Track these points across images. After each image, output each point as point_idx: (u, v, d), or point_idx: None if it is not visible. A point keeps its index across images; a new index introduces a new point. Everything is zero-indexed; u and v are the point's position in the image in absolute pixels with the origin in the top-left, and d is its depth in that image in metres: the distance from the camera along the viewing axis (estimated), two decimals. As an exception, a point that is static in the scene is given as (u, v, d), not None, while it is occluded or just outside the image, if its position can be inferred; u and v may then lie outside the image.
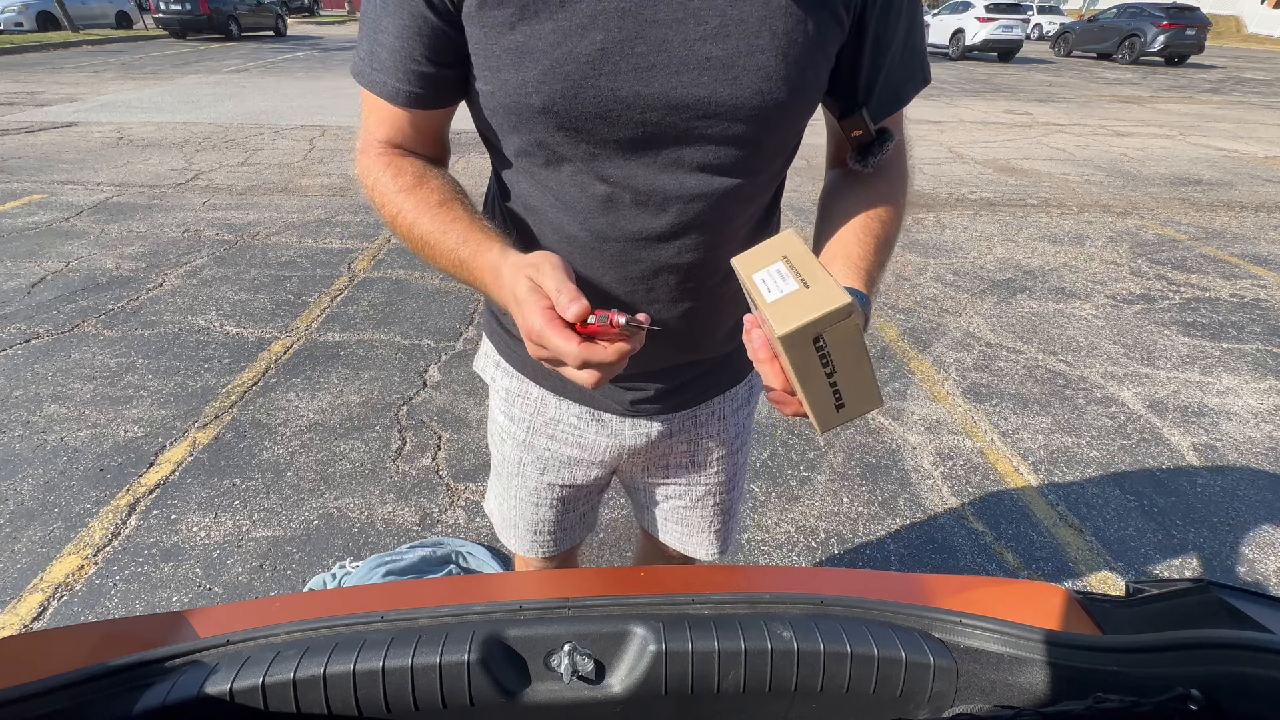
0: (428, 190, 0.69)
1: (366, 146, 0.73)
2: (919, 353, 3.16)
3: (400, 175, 0.70)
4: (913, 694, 0.59)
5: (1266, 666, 0.51)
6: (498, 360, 0.95)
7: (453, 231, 0.66)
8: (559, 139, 0.64)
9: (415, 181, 0.70)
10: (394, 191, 0.70)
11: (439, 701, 0.56)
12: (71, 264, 3.77)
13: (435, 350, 3.03)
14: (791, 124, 0.68)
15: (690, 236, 0.70)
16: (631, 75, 0.60)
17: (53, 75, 10.67)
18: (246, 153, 6.30)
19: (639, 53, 0.60)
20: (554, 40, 0.59)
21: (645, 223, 0.69)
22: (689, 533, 1.06)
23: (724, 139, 0.65)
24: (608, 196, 0.68)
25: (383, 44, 0.65)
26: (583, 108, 0.62)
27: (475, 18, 0.61)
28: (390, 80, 0.66)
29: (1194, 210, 5.43)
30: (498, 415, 0.98)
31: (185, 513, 2.07)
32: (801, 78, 0.63)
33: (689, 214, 0.69)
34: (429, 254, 0.69)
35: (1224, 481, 2.36)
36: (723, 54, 0.60)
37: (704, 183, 0.67)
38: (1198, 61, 18.65)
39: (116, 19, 19.21)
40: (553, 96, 0.61)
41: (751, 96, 0.62)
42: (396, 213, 0.70)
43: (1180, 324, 3.51)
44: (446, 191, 0.70)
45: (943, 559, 2.01)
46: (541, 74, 0.60)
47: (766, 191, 0.75)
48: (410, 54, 0.64)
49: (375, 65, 0.67)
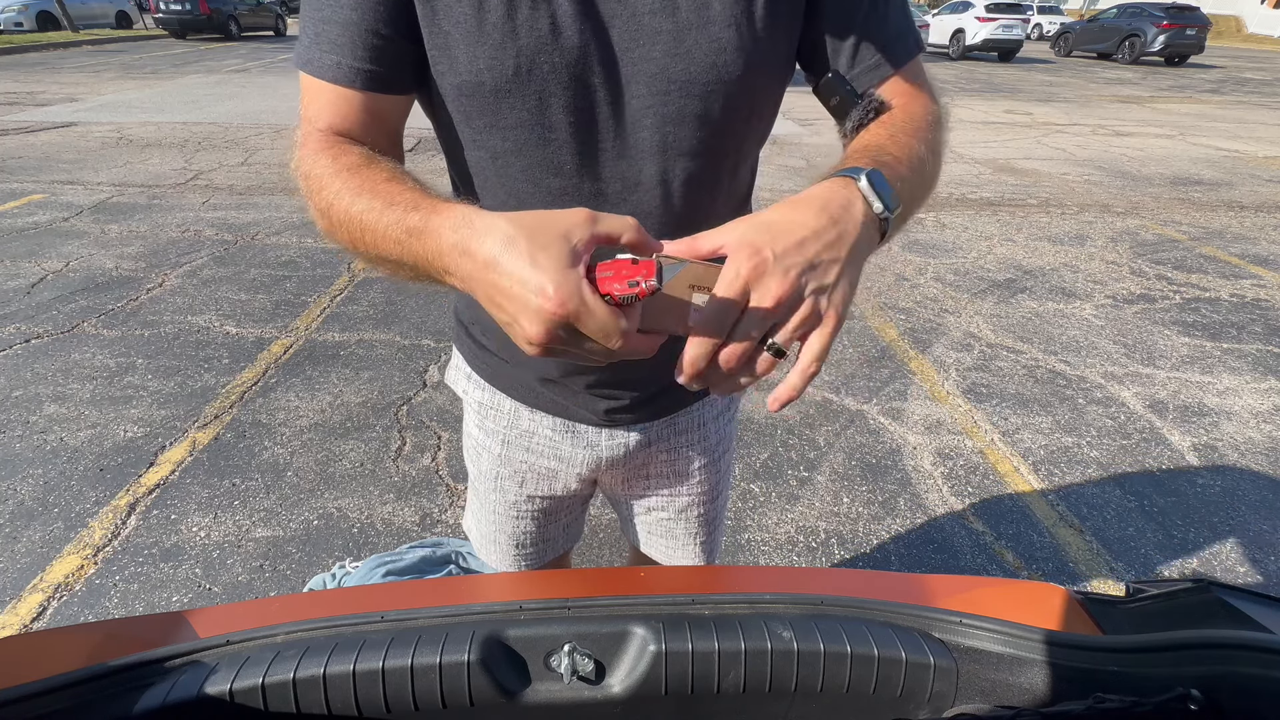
0: (375, 169, 0.58)
1: (306, 139, 0.62)
2: (919, 353, 3.16)
3: (342, 155, 0.59)
4: (913, 694, 0.59)
5: (1266, 666, 0.51)
6: (469, 372, 0.91)
7: (401, 201, 0.53)
8: (512, 120, 0.62)
9: (361, 161, 0.59)
10: (331, 174, 0.58)
11: (439, 702, 0.56)
12: (71, 264, 3.77)
13: (435, 350, 3.03)
14: (751, 99, 0.64)
15: (655, 230, 0.65)
16: (580, 51, 0.58)
17: (53, 75, 10.67)
18: (246, 153, 6.30)
19: (588, 28, 0.58)
20: (502, 14, 0.57)
21: (610, 213, 0.66)
22: (674, 546, 1.02)
23: (679, 117, 0.61)
24: (563, 188, 0.65)
25: (333, 19, 0.59)
26: (534, 86, 0.59)
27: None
28: (345, 60, 0.59)
29: (1194, 210, 5.43)
30: (472, 429, 0.94)
31: (185, 513, 2.07)
32: (757, 48, 0.60)
33: (651, 203, 0.65)
34: (371, 240, 0.55)
35: (1224, 481, 2.36)
36: (672, 27, 0.58)
37: (663, 167, 0.64)
38: (1198, 61, 18.65)
39: (116, 19, 19.21)
40: (503, 74, 0.58)
41: (704, 70, 0.59)
42: (332, 199, 0.57)
43: (1180, 324, 3.51)
44: (397, 171, 0.58)
45: (943, 559, 2.01)
46: (493, 50, 0.58)
47: (733, 178, 0.70)
48: (368, 25, 0.58)
49: (324, 45, 0.60)
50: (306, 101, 0.63)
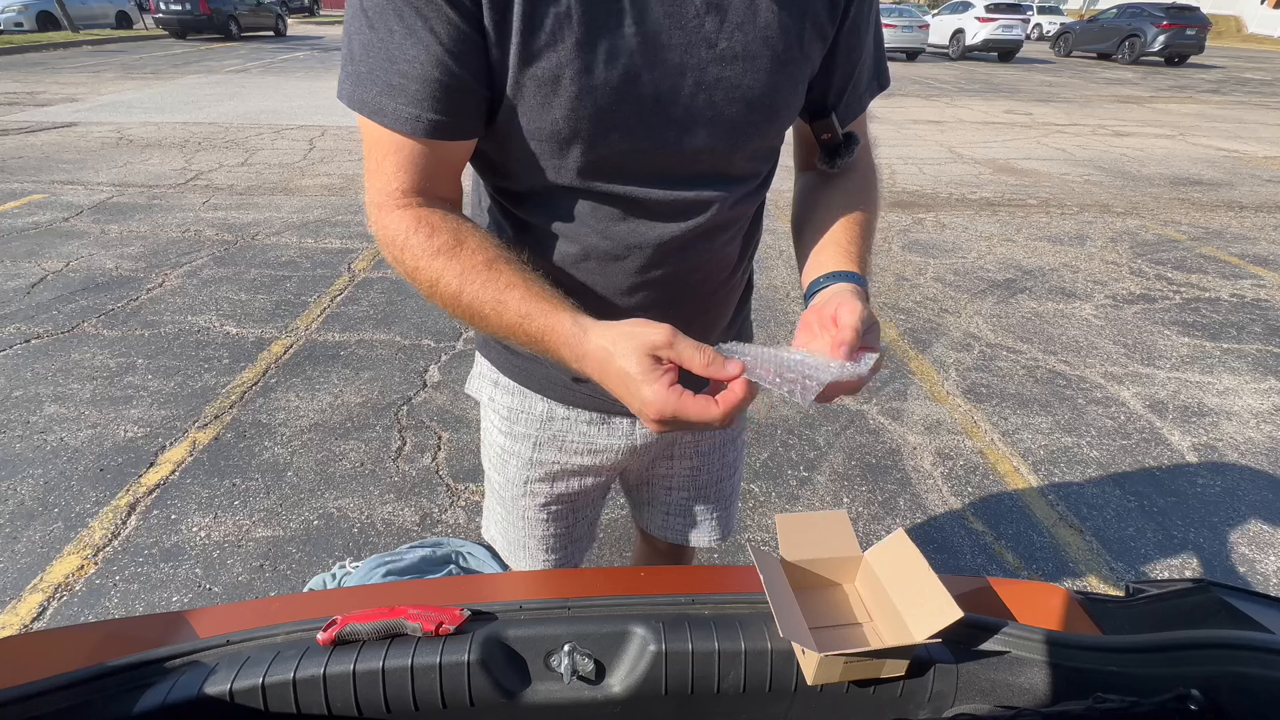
0: (469, 251, 0.63)
1: (384, 201, 0.64)
2: (919, 353, 3.16)
3: (434, 235, 0.63)
4: (913, 694, 0.59)
5: (1266, 666, 0.51)
6: (496, 379, 0.92)
7: (511, 301, 0.62)
8: (582, 163, 0.65)
9: (453, 241, 0.63)
10: (429, 255, 0.63)
11: (439, 701, 0.56)
12: (71, 264, 3.77)
13: (435, 350, 3.03)
14: (782, 130, 0.74)
15: (704, 238, 0.73)
16: (654, 100, 0.62)
17: (53, 75, 10.67)
18: (246, 153, 6.30)
19: (659, 78, 0.62)
20: (580, 69, 0.59)
21: (665, 230, 0.71)
22: (693, 524, 1.08)
23: (731, 150, 0.69)
24: (628, 210, 0.69)
25: (410, 74, 0.57)
26: (608, 134, 0.63)
27: (499, 42, 0.59)
28: (424, 114, 0.59)
29: (1194, 210, 5.43)
30: (496, 437, 0.95)
31: (185, 513, 2.07)
32: (793, 90, 0.69)
33: (704, 218, 0.71)
34: (482, 324, 0.64)
35: (1224, 481, 2.36)
36: (732, 74, 0.64)
37: (715, 190, 0.70)
38: (1198, 61, 18.64)
39: (116, 19, 19.21)
40: (580, 124, 0.61)
41: (756, 112, 0.66)
42: (436, 279, 0.63)
43: (1180, 324, 3.51)
44: (490, 250, 0.64)
45: (943, 559, 2.01)
46: (570, 102, 0.60)
47: (762, 190, 0.79)
48: (447, 81, 0.58)
49: (400, 97, 0.58)
50: (378, 155, 0.63)
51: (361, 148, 0.65)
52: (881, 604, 0.63)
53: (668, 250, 0.72)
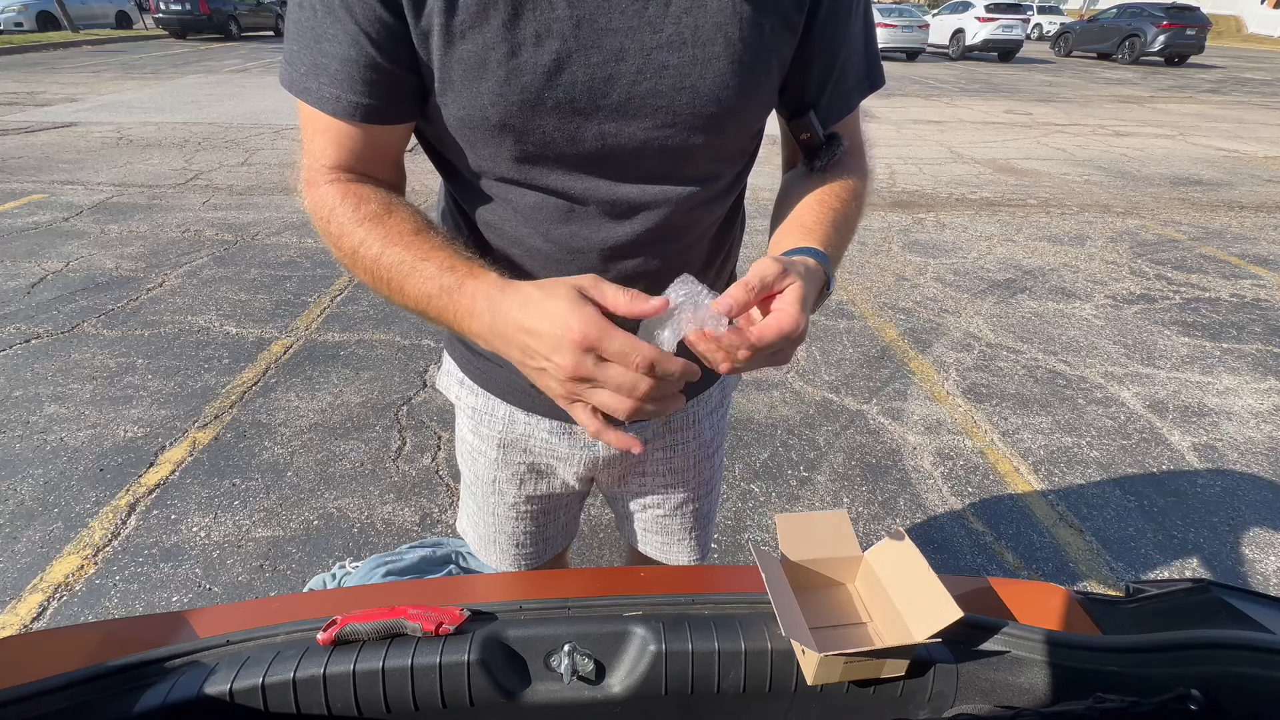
0: (398, 219, 0.62)
1: (314, 176, 0.64)
2: (919, 353, 3.16)
3: (362, 204, 0.62)
4: (913, 694, 0.59)
5: (1266, 666, 0.51)
6: (461, 378, 0.91)
7: (433, 259, 0.59)
8: (516, 152, 0.62)
9: (381, 210, 0.62)
10: (354, 222, 0.62)
11: (439, 702, 0.56)
12: (71, 264, 3.77)
13: (435, 350, 3.03)
14: (747, 128, 0.69)
15: (655, 245, 0.69)
16: (588, 86, 0.59)
17: (53, 75, 10.67)
18: (246, 153, 6.30)
19: (595, 63, 0.58)
20: (507, 51, 0.57)
21: (610, 232, 0.67)
22: (669, 542, 1.04)
23: (683, 146, 0.64)
24: (569, 208, 0.66)
25: (332, 53, 0.58)
26: (540, 120, 0.60)
27: (420, 23, 0.58)
28: (345, 94, 0.59)
29: (1194, 210, 5.43)
30: (466, 434, 0.95)
31: (185, 513, 2.07)
32: (756, 83, 0.64)
33: (652, 221, 0.68)
34: (398, 286, 0.60)
35: (1224, 481, 2.36)
36: (679, 62, 0.60)
37: (665, 190, 0.66)
38: (1198, 61, 18.64)
39: (116, 19, 19.21)
40: (509, 110, 0.59)
41: (708, 104, 0.62)
42: (358, 245, 0.62)
43: (1180, 324, 3.51)
44: (420, 221, 0.63)
45: (943, 559, 2.01)
46: (497, 87, 0.58)
47: (729, 195, 0.74)
48: (367, 61, 0.58)
49: (323, 77, 0.59)
50: (308, 132, 0.64)
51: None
52: (881, 604, 0.63)
53: (613, 256, 0.68)
